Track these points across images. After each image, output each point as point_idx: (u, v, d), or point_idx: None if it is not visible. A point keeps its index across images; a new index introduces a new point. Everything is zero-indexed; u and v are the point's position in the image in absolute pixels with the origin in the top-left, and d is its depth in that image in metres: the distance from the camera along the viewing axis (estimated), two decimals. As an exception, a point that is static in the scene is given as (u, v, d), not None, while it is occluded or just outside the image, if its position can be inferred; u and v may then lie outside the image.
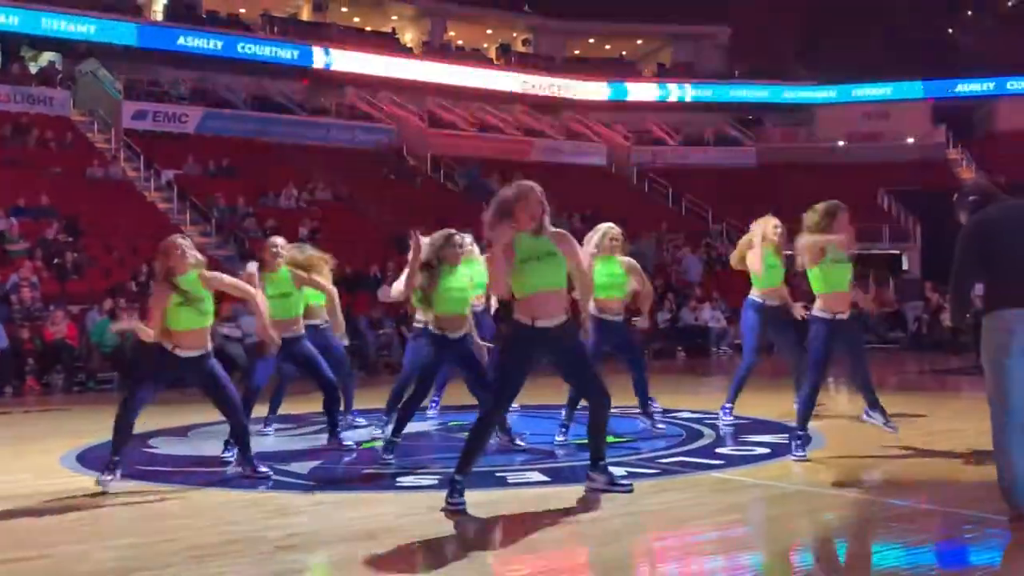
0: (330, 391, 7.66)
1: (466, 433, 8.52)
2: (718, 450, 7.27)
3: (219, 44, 30.32)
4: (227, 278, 6.72)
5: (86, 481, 6.70)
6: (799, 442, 6.77)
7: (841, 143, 37.52)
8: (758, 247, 8.57)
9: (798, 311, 8.37)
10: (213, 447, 7.86)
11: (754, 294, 8.73)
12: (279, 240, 7.86)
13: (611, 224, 8.19)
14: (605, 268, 7.95)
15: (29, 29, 27.64)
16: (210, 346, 6.47)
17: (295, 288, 7.69)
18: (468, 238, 8.33)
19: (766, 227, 8.73)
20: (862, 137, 37.62)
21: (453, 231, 7.20)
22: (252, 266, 7.85)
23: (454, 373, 8.37)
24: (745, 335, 8.90)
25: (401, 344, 17.05)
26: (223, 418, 6.57)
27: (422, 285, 6.94)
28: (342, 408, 8.14)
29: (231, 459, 7.02)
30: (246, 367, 14.29)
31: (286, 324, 7.49)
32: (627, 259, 8.19)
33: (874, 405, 7.35)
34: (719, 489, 6.02)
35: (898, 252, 31.38)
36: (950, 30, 41.76)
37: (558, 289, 5.57)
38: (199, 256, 6.47)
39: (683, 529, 5.15)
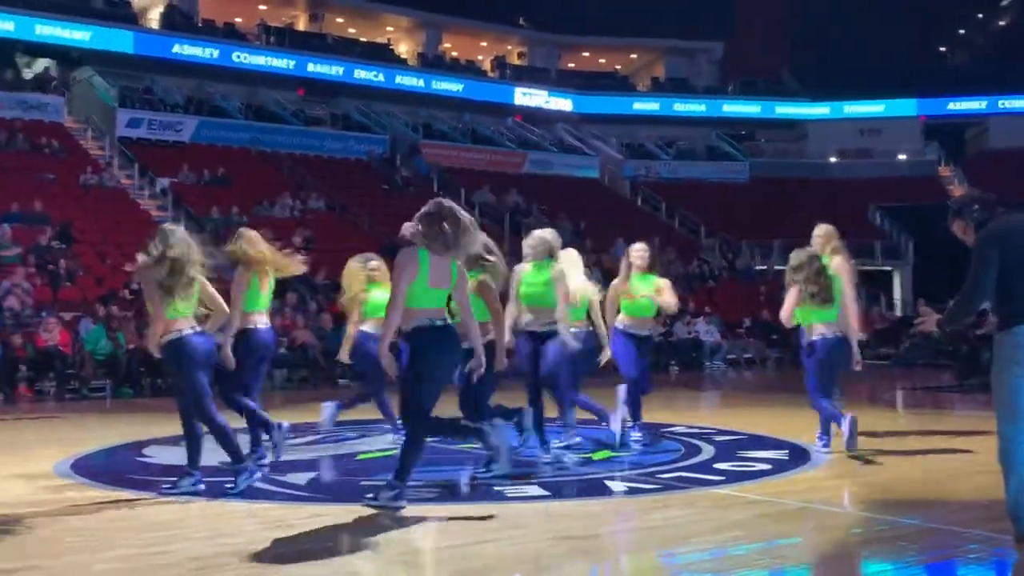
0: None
1: (463, 445, 8.54)
2: (717, 465, 7.23)
3: (215, 53, 30.29)
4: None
5: (80, 490, 6.64)
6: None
7: (833, 159, 37.67)
8: (623, 274, 8.44)
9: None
10: (207, 456, 7.80)
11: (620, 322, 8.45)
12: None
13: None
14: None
15: (24, 35, 27.56)
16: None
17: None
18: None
19: (631, 254, 8.48)
20: (854, 153, 37.78)
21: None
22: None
23: None
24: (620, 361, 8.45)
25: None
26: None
27: None
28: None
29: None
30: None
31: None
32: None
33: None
34: (720, 505, 5.97)
35: (890, 269, 31.47)
36: (943, 48, 41.98)
37: None
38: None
39: (685, 546, 5.11)
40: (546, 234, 7.55)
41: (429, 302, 5.67)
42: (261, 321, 7.44)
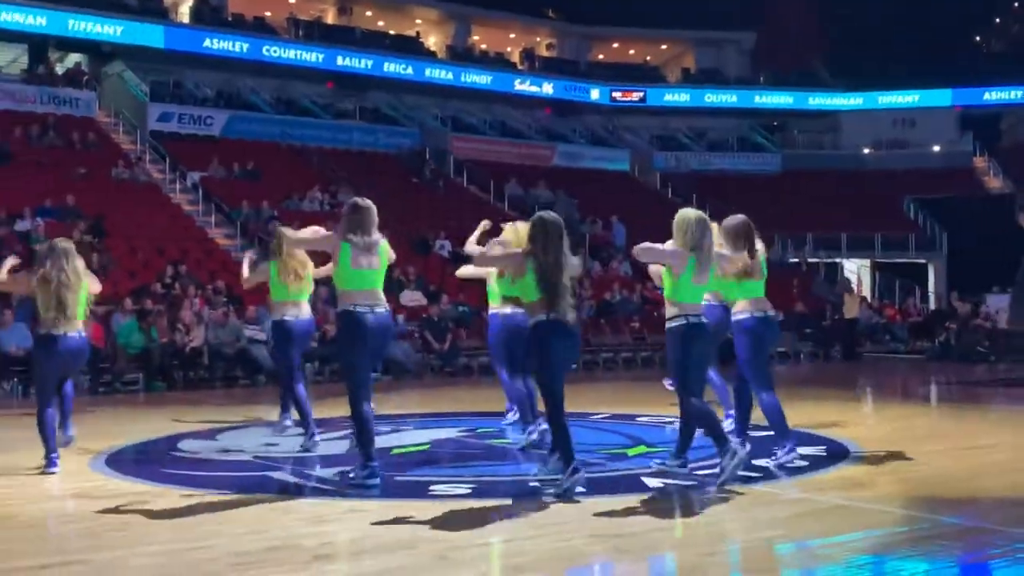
0: None
1: (494, 440, 8.51)
2: (756, 461, 7.13)
3: (245, 47, 30.37)
4: None
5: (116, 484, 6.66)
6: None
7: (867, 150, 37.31)
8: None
9: None
10: (243, 450, 7.84)
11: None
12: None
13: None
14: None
15: (56, 30, 27.75)
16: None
17: None
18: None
19: None
20: (888, 145, 37.40)
21: None
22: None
23: None
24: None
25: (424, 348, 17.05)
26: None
27: None
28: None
29: None
30: (271, 369, 14.33)
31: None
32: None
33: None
34: (758, 503, 5.89)
35: (924, 261, 31.14)
36: (978, 37, 41.45)
37: None
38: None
39: (723, 545, 5.04)
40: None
41: (358, 284, 6.33)
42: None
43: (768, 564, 4.76)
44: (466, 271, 9.09)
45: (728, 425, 7.95)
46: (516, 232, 7.42)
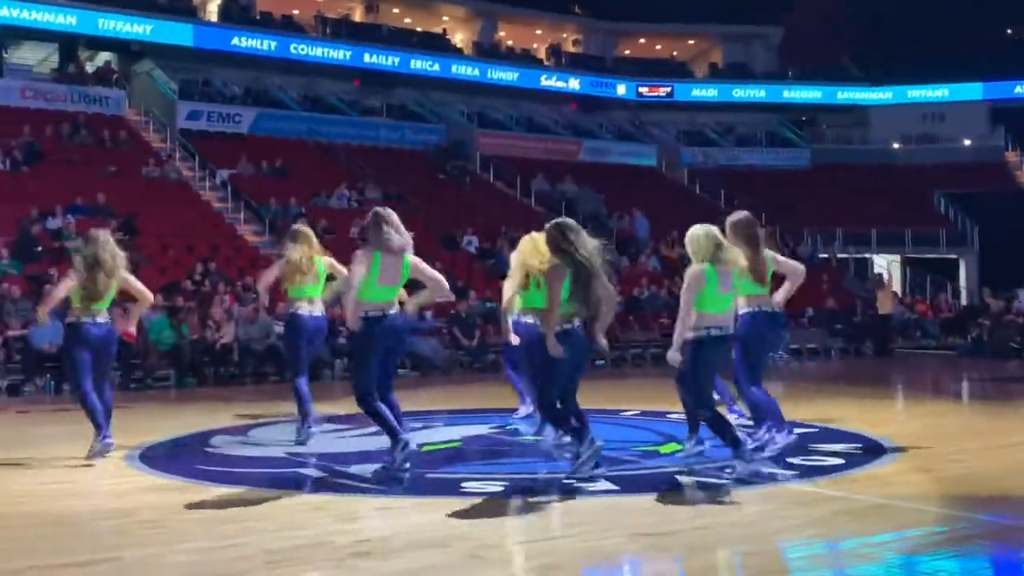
0: None
1: (524, 437, 8.48)
2: (789, 460, 7.06)
3: (272, 45, 30.46)
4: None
5: (150, 480, 6.68)
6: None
7: (896, 145, 36.95)
8: None
9: None
10: (275, 446, 7.84)
11: None
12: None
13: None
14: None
15: (86, 29, 27.92)
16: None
17: None
18: None
19: None
20: (917, 139, 37.02)
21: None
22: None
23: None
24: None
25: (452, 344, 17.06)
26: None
27: None
28: None
29: None
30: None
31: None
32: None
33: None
34: (795, 502, 5.83)
35: (955, 257, 30.82)
36: (1009, 30, 40.94)
37: None
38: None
39: (764, 545, 4.98)
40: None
41: (377, 296, 6.54)
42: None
43: (805, 564, 4.70)
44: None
45: (732, 419, 7.96)
46: (533, 241, 7.41)
